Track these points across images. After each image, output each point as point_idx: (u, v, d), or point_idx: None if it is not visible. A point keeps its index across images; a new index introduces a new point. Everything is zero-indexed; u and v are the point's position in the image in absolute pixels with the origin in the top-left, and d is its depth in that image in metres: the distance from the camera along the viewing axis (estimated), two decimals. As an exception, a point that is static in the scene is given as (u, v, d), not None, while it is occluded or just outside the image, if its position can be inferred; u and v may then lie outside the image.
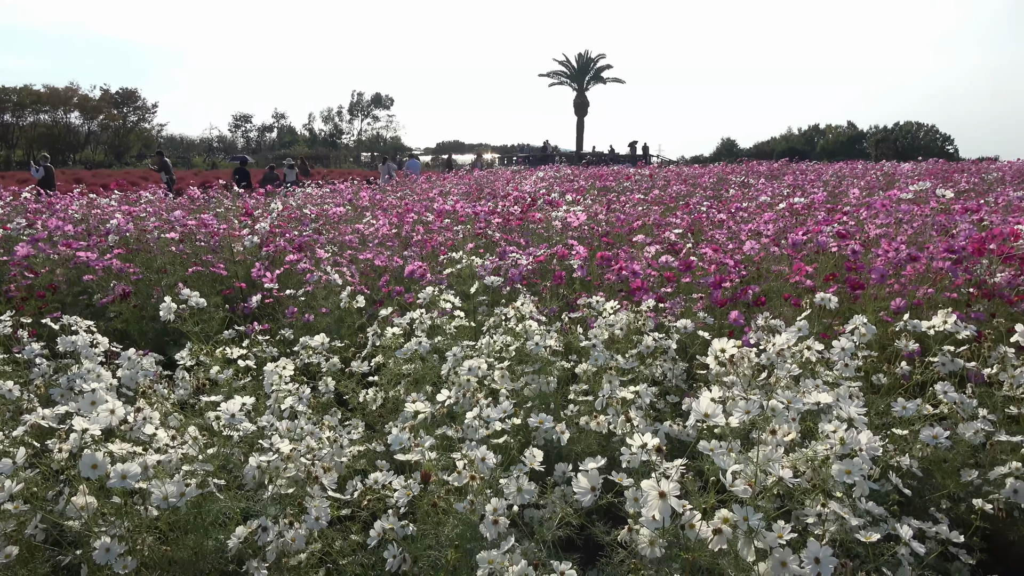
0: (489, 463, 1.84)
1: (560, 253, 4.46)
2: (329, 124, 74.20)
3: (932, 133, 58.51)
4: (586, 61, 56.63)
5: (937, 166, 15.99)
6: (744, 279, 4.27)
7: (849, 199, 7.44)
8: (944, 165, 16.62)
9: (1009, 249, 3.79)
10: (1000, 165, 17.12)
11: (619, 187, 11.89)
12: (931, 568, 2.26)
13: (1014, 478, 2.18)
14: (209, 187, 10.58)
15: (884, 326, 3.50)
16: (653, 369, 3.03)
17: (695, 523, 1.60)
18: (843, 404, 1.94)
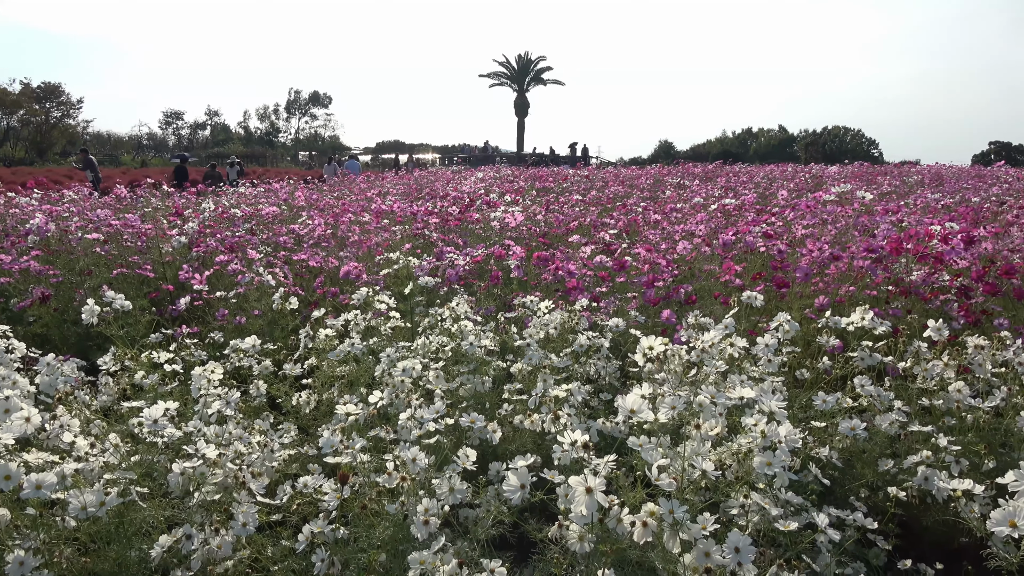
0: (420, 464, 1.83)
1: (497, 253, 4.48)
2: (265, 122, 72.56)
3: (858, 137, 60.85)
4: (526, 63, 56.89)
5: (862, 169, 16.64)
6: (676, 278, 4.37)
7: (778, 200, 7.69)
8: (868, 168, 17.29)
9: (924, 248, 3.98)
10: (920, 168, 17.94)
11: (558, 188, 11.99)
12: (851, 554, 2.36)
13: (925, 466, 2.29)
14: (137, 186, 10.23)
15: (809, 323, 3.62)
16: (587, 367, 3.07)
17: (623, 517, 1.63)
18: (765, 399, 2.01)
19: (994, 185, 11.38)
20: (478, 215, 6.38)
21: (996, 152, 49.48)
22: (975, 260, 3.98)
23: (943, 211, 7.00)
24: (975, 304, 3.61)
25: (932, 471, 2.24)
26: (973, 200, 8.07)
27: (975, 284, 3.65)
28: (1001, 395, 2.61)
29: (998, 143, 52.52)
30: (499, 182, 13.09)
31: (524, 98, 56.78)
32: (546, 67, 57.19)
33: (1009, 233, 4.66)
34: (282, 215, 7.37)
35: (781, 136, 63.86)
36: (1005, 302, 3.78)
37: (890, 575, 2.32)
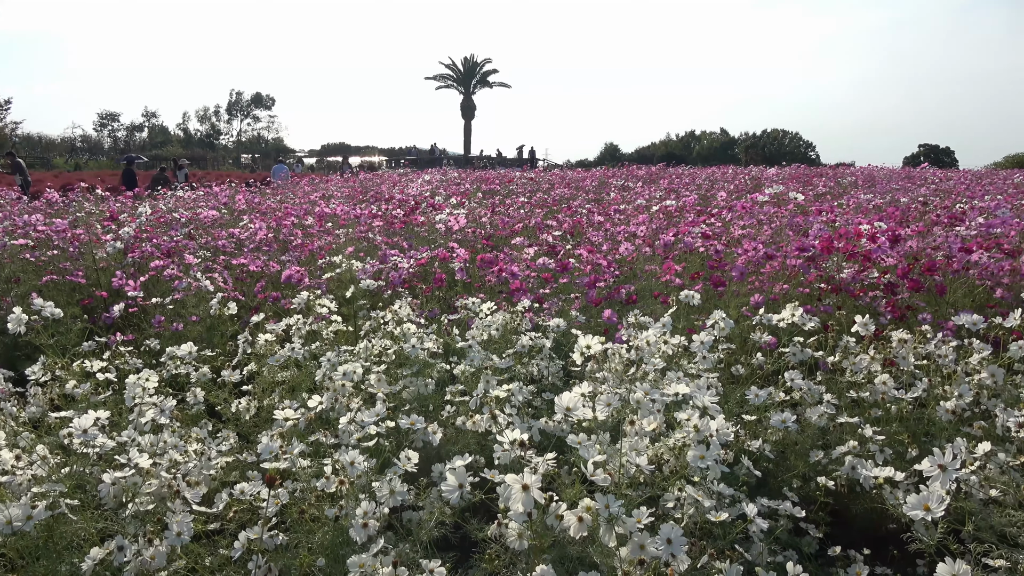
0: (359, 467, 1.83)
1: (442, 256, 4.48)
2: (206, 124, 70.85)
3: (796, 140, 62.71)
4: (472, 65, 56.90)
5: (799, 171, 17.17)
6: (619, 279, 4.44)
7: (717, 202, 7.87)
8: (805, 170, 17.86)
9: (853, 247, 4.13)
10: (854, 170, 18.60)
11: (504, 190, 12.04)
12: (784, 543, 2.44)
13: (852, 456, 2.39)
14: (71, 190, 9.87)
15: (745, 320, 3.73)
16: (530, 368, 3.10)
17: (561, 513, 1.66)
18: (699, 394, 2.06)
19: (922, 186, 11.87)
20: (423, 218, 6.36)
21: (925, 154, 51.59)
22: (901, 258, 4.15)
23: (874, 211, 7.28)
24: (901, 300, 3.77)
25: (859, 460, 2.34)
26: (902, 200, 8.41)
27: (900, 281, 3.81)
28: (923, 386, 2.73)
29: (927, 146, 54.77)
30: (446, 184, 13.06)
31: (470, 100, 56.78)
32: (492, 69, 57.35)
33: (932, 232, 4.87)
34: (222, 219, 7.22)
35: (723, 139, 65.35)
36: (928, 298, 3.96)
37: (821, 562, 2.41)
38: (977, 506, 2.14)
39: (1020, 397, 2.68)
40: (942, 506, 1.57)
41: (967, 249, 4.02)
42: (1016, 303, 3.84)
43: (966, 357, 2.84)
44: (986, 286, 4.05)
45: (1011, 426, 2.28)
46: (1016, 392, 2.74)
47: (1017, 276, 3.94)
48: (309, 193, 11.61)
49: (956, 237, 4.61)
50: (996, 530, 2.02)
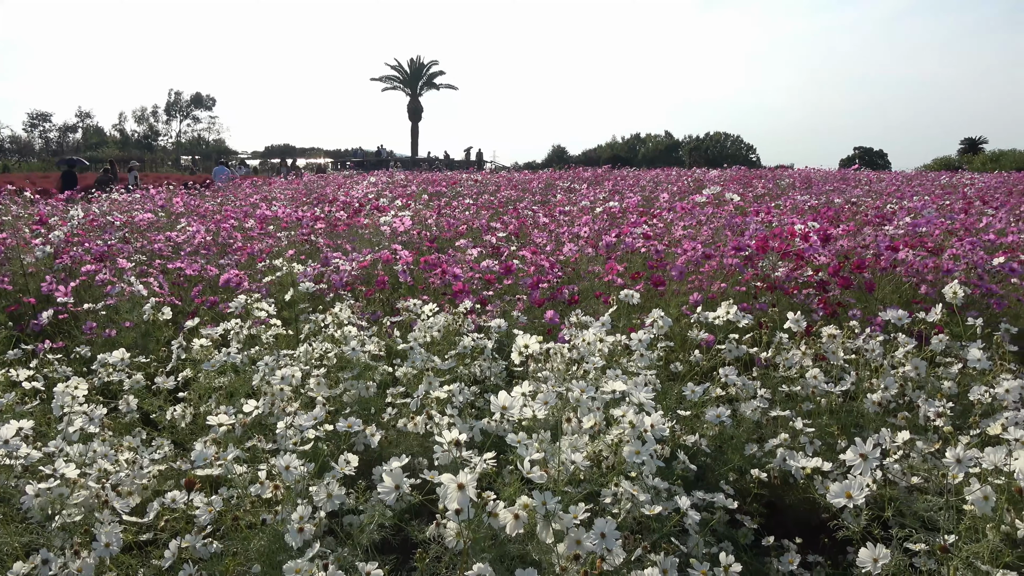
0: (294, 472, 1.81)
1: (385, 258, 4.45)
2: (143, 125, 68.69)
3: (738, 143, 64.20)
4: (419, 67, 56.61)
5: (740, 172, 17.58)
6: (562, 279, 4.48)
7: (660, 203, 8.01)
8: (745, 172, 18.30)
9: (787, 246, 4.26)
10: (792, 172, 19.16)
11: (451, 192, 12.02)
12: (721, 535, 2.50)
13: (784, 448, 2.46)
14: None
15: (685, 319, 3.81)
16: (473, 369, 3.10)
17: (499, 512, 1.67)
18: (635, 391, 2.10)
19: (856, 187, 12.30)
20: (367, 220, 6.31)
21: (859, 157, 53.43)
22: (832, 256, 4.29)
23: (809, 212, 7.51)
24: (832, 297, 3.90)
25: (790, 452, 2.41)
26: (836, 201, 8.70)
27: (832, 278, 3.94)
28: (852, 380, 2.83)
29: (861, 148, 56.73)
30: (391, 187, 12.97)
31: (417, 102, 56.48)
32: (439, 71, 57.15)
33: (862, 231, 5.05)
34: (159, 222, 7.03)
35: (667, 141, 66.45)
36: (858, 294, 4.11)
37: (756, 552, 2.47)
38: (901, 493, 2.23)
39: (941, 388, 2.80)
40: (863, 494, 1.63)
41: (894, 248, 4.19)
42: (939, 299, 4.02)
43: (892, 351, 2.96)
44: (912, 283, 4.22)
45: (931, 415, 2.39)
46: (938, 384, 2.87)
47: (940, 273, 4.12)
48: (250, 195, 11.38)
49: (885, 236, 4.79)
50: (918, 516, 2.11)
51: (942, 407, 2.44)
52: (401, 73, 56.70)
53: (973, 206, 7.88)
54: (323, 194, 11.31)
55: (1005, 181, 15.39)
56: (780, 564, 2.35)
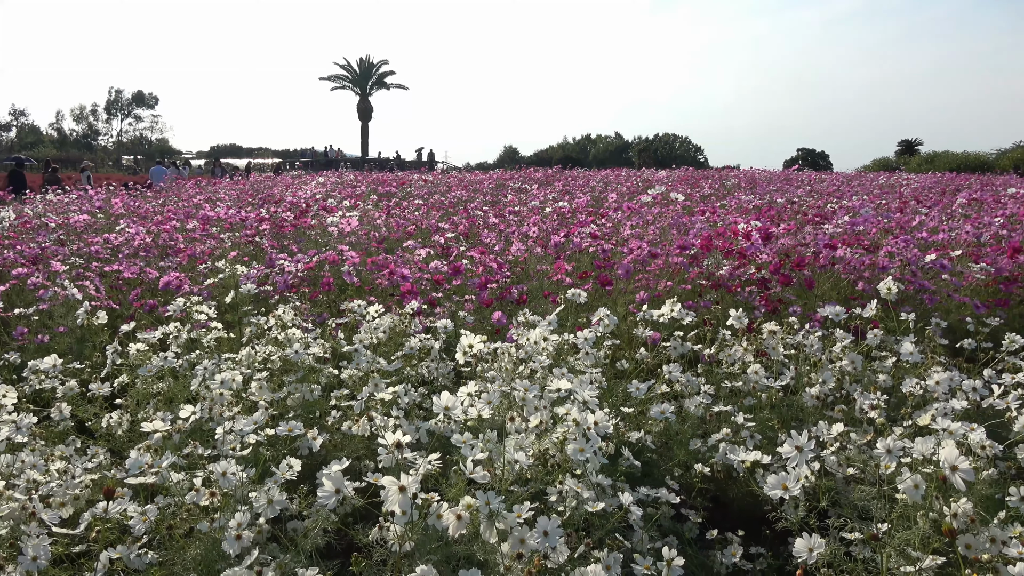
0: (232, 478, 1.76)
1: (331, 259, 4.39)
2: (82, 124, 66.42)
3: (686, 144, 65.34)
4: (368, 66, 56.04)
5: (687, 173, 17.89)
6: (511, 279, 4.48)
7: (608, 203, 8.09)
8: (693, 172, 18.62)
9: (730, 245, 4.34)
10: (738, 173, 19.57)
11: (401, 193, 11.93)
12: (666, 530, 2.53)
13: (726, 442, 2.51)
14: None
15: (632, 317, 3.85)
16: (421, 370, 3.08)
17: (443, 513, 1.66)
18: (580, 389, 2.11)
19: (799, 187, 12.62)
20: (314, 221, 6.22)
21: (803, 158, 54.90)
22: (774, 255, 4.40)
23: (754, 211, 7.68)
24: (773, 294, 3.99)
25: (731, 447, 2.46)
26: (779, 201, 8.91)
27: (773, 276, 4.03)
28: (791, 374, 2.90)
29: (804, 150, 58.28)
30: (341, 187, 12.81)
31: (367, 102, 55.92)
32: (389, 71, 56.69)
33: (803, 230, 5.19)
34: (97, 224, 6.80)
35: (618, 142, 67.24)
36: (799, 291, 4.21)
37: (700, 545, 2.51)
38: (839, 484, 2.29)
39: (876, 381, 2.89)
40: (798, 485, 1.67)
41: (832, 246, 4.31)
42: (875, 295, 4.15)
43: (830, 346, 3.04)
44: (850, 280, 4.34)
45: (866, 407, 2.46)
46: (874, 377, 2.96)
47: (876, 270, 4.25)
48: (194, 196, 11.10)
49: (824, 235, 4.93)
50: (855, 506, 2.17)
51: (876, 400, 2.52)
52: (350, 72, 56.04)
53: (908, 205, 8.16)
54: (270, 195, 11.10)
55: (939, 181, 16.01)
56: (724, 557, 2.39)
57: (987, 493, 2.06)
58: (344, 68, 56.03)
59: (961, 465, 1.63)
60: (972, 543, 1.79)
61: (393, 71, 57.13)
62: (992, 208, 7.65)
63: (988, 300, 4.28)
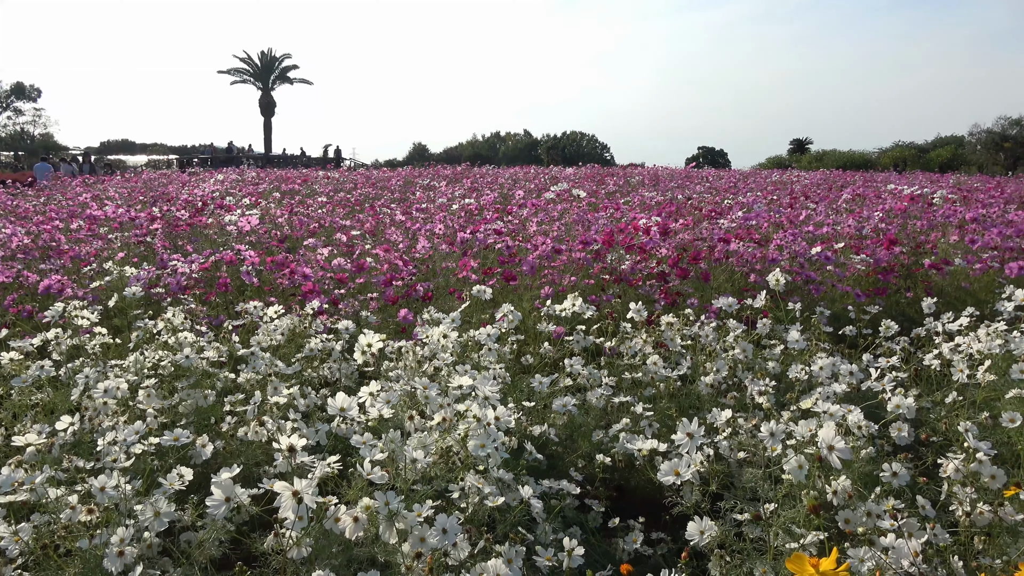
0: (112, 492, 1.67)
1: (228, 259, 4.23)
2: (-48, 117, 61.37)
3: (593, 142, 66.58)
4: (270, 60, 54.22)
5: (594, 170, 18.23)
6: (418, 277, 4.45)
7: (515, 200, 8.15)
8: (599, 170, 18.98)
9: (631, 240, 4.45)
10: (642, 170, 20.09)
11: (306, 190, 11.63)
12: (571, 520, 2.57)
13: (626, 432, 2.57)
14: None
15: (536, 312, 3.89)
16: (323, 371, 3.01)
17: (340, 516, 1.62)
18: (481, 385, 2.12)
19: (698, 184, 13.09)
20: (211, 220, 5.97)
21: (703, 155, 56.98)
22: (672, 249, 4.54)
23: (655, 207, 7.91)
24: (672, 287, 4.12)
25: (631, 436, 2.52)
26: (679, 197, 9.21)
27: (671, 270, 4.16)
28: (687, 364, 3.00)
29: (705, 148, 60.47)
30: (241, 184, 12.36)
31: (270, 97, 54.12)
32: (292, 65, 55.02)
33: (700, 225, 5.38)
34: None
35: (527, 140, 67.79)
36: (696, 284, 4.37)
37: (604, 534, 2.57)
38: (733, 468, 2.39)
39: (766, 368, 3.03)
40: (689, 470, 1.73)
41: (726, 240, 4.49)
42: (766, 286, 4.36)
43: (724, 336, 3.17)
44: (743, 272, 4.54)
45: (754, 394, 2.58)
46: (764, 364, 3.10)
47: (767, 262, 4.46)
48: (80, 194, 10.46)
49: (719, 229, 5.13)
50: (747, 488, 2.27)
51: (765, 386, 2.64)
52: (251, 66, 54.08)
53: (798, 201, 8.60)
54: (164, 193, 10.59)
55: (827, 178, 16.95)
56: (625, 544, 2.45)
57: (866, 470, 2.19)
58: (245, 62, 54.02)
59: (837, 445, 1.73)
60: (851, 517, 1.91)
61: (296, 65, 55.57)
62: (873, 203, 8.15)
63: (868, 289, 4.57)
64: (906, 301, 4.67)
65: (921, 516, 1.96)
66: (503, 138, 69.75)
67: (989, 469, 2.03)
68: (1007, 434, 2.43)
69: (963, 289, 4.89)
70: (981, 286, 4.93)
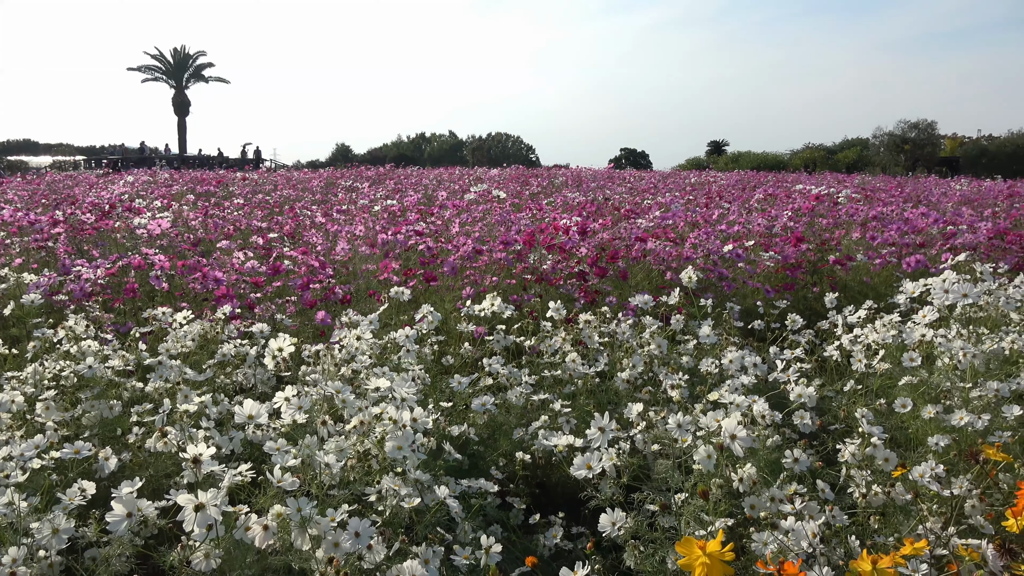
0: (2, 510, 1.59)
1: (137, 264, 4.07)
2: None
3: (518, 143, 67.00)
4: (184, 57, 52.29)
5: (518, 171, 18.35)
6: (338, 279, 4.39)
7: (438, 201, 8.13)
8: (524, 170, 19.14)
9: (552, 239, 4.51)
10: (566, 171, 20.35)
11: (223, 192, 11.28)
12: (492, 518, 2.59)
13: (544, 429, 2.61)
14: None
15: (458, 313, 3.90)
16: (238, 377, 2.94)
17: (250, 525, 1.59)
18: (398, 387, 2.11)
19: (620, 185, 13.35)
20: (119, 223, 5.73)
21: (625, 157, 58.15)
22: (592, 249, 4.62)
23: (577, 207, 8.03)
24: (591, 285, 4.20)
25: (550, 432, 2.56)
26: (600, 198, 9.38)
27: (590, 269, 4.24)
28: (605, 361, 3.07)
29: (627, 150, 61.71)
30: (154, 186, 11.88)
31: (184, 95, 52.20)
32: (207, 63, 53.22)
33: (618, 224, 5.50)
34: None
35: (452, 141, 67.69)
36: (615, 282, 4.46)
37: (525, 531, 2.60)
38: (650, 460, 2.46)
39: (680, 363, 3.13)
40: (600, 464, 1.77)
41: (643, 239, 4.60)
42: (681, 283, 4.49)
43: (640, 332, 3.25)
44: (660, 270, 4.66)
45: (667, 388, 2.66)
46: (678, 359, 3.20)
47: (682, 260, 4.60)
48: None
49: (638, 228, 5.25)
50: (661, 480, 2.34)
51: (677, 380, 2.72)
52: (163, 63, 52.01)
53: (713, 201, 8.89)
54: (69, 195, 10.08)
55: (741, 179, 17.57)
56: (546, 539, 2.49)
57: (772, 458, 2.29)
58: (156, 59, 51.89)
59: (739, 434, 1.80)
60: (756, 503, 1.99)
61: (212, 63, 53.72)
62: (783, 203, 8.50)
63: (777, 285, 4.77)
64: (812, 296, 4.89)
65: (821, 499, 2.07)
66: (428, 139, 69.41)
67: (883, 452, 2.16)
68: (901, 419, 2.58)
69: (865, 283, 5.16)
70: (881, 280, 5.22)
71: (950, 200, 10.31)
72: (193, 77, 52.76)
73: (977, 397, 2.43)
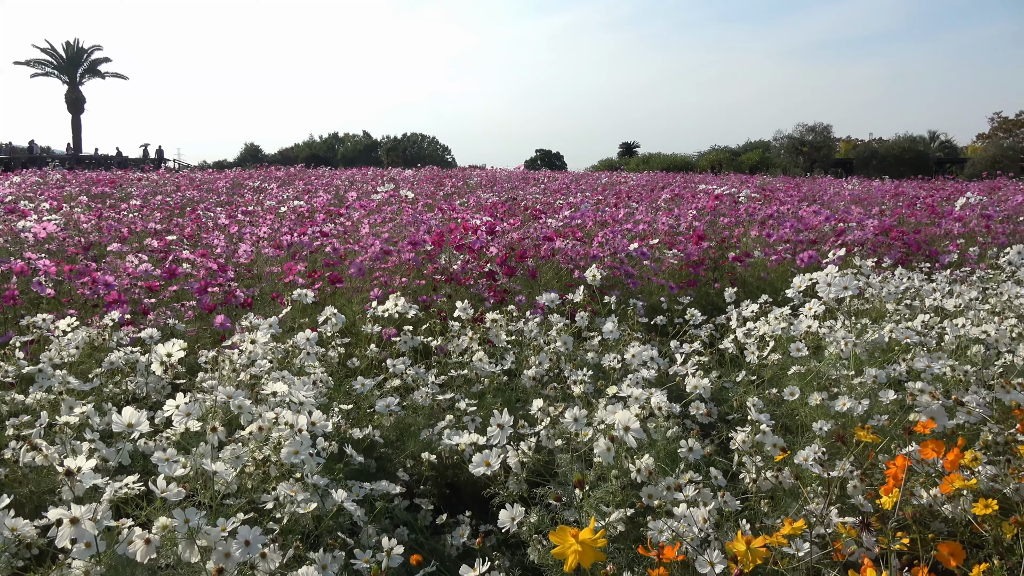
0: None
1: (18, 269, 3.82)
2: None
3: (434, 144, 66.71)
4: (78, 51, 49.41)
5: (432, 172, 18.29)
6: (242, 282, 4.25)
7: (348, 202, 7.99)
8: (438, 171, 19.08)
9: (461, 240, 4.51)
10: (482, 172, 20.41)
11: (120, 193, 10.74)
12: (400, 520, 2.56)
13: (449, 428, 2.60)
14: None
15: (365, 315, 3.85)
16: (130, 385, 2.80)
17: (132, 539, 1.52)
18: (295, 391, 2.06)
19: (533, 186, 13.49)
20: (1, 226, 5.37)
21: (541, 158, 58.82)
22: (502, 248, 4.65)
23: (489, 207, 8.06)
24: (501, 285, 4.22)
25: (455, 432, 2.56)
26: (512, 198, 9.44)
27: (499, 268, 4.27)
28: (511, 359, 3.09)
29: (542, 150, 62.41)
30: (43, 187, 11.19)
31: (78, 91, 49.34)
32: (103, 58, 50.47)
33: (528, 224, 5.55)
34: None
35: (366, 141, 66.71)
36: (524, 281, 4.50)
37: (432, 531, 2.59)
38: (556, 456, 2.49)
39: (585, 359, 3.19)
40: (499, 460, 1.78)
41: (550, 238, 4.66)
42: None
43: (547, 330, 3.29)
44: (568, 269, 4.74)
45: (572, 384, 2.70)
46: (583, 355, 3.26)
47: (590, 259, 4.68)
48: None
49: (547, 228, 5.32)
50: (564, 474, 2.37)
51: (581, 375, 2.77)
52: (55, 57, 49.00)
53: (623, 201, 9.10)
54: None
55: (651, 180, 18.06)
56: (453, 539, 2.49)
57: (671, 448, 2.36)
58: (47, 52, 48.82)
59: (632, 425, 1.85)
60: (652, 492, 2.05)
61: (108, 58, 50.91)
62: (689, 202, 8.79)
63: (681, 281, 4.93)
64: (714, 291, 5.07)
65: (715, 486, 2.15)
66: (342, 139, 68.16)
67: (771, 439, 2.26)
68: (791, 406, 2.72)
69: (762, 279, 5.39)
70: (777, 275, 5.47)
71: (842, 199, 10.92)
72: (88, 72, 49.93)
73: (859, 384, 2.57)
